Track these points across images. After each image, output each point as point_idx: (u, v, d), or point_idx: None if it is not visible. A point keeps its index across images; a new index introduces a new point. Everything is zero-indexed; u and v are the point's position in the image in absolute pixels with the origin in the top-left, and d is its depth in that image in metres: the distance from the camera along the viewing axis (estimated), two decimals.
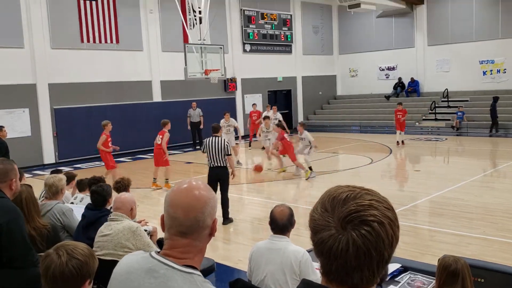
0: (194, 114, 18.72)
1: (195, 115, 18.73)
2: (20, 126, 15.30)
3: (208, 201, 1.61)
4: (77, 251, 2.06)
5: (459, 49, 22.20)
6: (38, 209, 3.90)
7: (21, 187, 3.78)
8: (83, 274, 2.04)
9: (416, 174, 12.60)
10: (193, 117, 18.72)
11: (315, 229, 1.16)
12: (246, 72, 21.96)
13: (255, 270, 3.66)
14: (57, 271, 1.99)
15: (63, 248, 2.05)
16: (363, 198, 1.15)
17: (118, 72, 17.58)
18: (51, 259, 2.02)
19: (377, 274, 1.14)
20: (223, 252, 7.02)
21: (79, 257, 2.04)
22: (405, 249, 6.18)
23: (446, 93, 22.00)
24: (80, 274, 2.02)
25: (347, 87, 26.48)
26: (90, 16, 16.74)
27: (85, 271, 2.04)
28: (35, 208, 3.83)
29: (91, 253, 2.12)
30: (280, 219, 3.69)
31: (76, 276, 2.01)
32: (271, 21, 22.89)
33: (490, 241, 6.89)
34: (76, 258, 2.02)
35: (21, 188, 3.78)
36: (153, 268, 1.55)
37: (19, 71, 15.29)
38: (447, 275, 2.84)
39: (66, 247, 2.07)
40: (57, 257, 2.01)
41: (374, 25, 24.85)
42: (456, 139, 18.85)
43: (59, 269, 1.99)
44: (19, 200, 3.71)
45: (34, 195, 3.90)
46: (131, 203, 4.27)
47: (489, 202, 8.93)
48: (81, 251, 2.07)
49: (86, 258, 2.06)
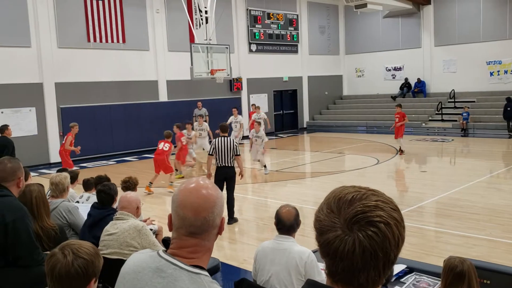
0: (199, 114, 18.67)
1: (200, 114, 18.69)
2: (26, 125, 15.38)
3: (217, 200, 1.60)
4: (82, 250, 2.05)
5: (466, 50, 22.09)
6: (48, 210, 3.91)
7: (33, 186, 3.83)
8: (89, 273, 2.03)
9: (423, 175, 12.55)
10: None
11: (321, 230, 1.16)
12: (252, 72, 21.96)
13: (260, 270, 3.66)
14: (63, 270, 1.98)
15: (69, 248, 2.04)
16: (369, 199, 1.15)
17: (125, 72, 17.63)
18: (56, 258, 2.01)
19: (383, 275, 1.14)
20: (228, 252, 7.03)
21: (85, 256, 2.03)
22: (410, 250, 6.15)
23: (452, 94, 21.91)
24: (86, 274, 2.02)
25: (353, 87, 26.42)
26: (96, 16, 16.80)
27: (90, 271, 2.03)
28: (45, 208, 3.84)
29: (96, 252, 2.12)
30: (287, 220, 3.68)
31: (82, 275, 2.00)
32: (277, 21, 22.88)
33: (496, 242, 6.85)
34: (81, 258, 2.02)
35: (32, 187, 3.83)
36: (160, 267, 1.55)
37: (26, 70, 15.37)
38: (453, 276, 2.82)
39: (71, 246, 2.06)
40: (62, 256, 2.01)
41: (381, 25, 24.78)
42: (462, 140, 18.76)
43: (65, 269, 1.98)
44: (29, 198, 3.73)
45: (45, 194, 3.93)
46: (137, 202, 4.28)
47: (495, 204, 8.88)
48: (87, 250, 2.06)
49: (91, 257, 2.06)
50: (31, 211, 3.63)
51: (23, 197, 3.64)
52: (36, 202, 3.76)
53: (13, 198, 3.33)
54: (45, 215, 3.82)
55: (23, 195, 3.66)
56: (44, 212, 3.82)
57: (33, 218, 3.64)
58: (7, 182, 3.34)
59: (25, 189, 3.73)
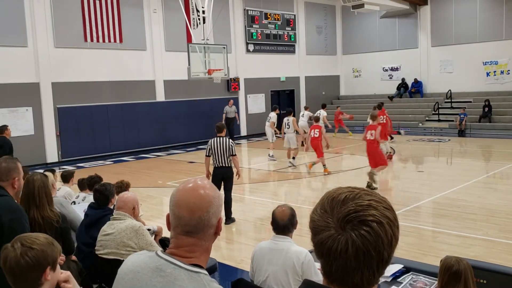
0: (230, 111, 19.80)
1: (231, 111, 19.80)
2: (23, 125, 15.33)
3: (213, 200, 1.61)
4: (32, 241, 2.12)
5: (462, 50, 22.16)
6: (51, 199, 3.98)
7: (36, 176, 3.95)
8: (41, 262, 2.09)
9: (419, 175, 12.58)
10: (229, 113, 19.76)
11: (315, 230, 1.17)
12: (249, 72, 21.96)
13: (258, 270, 3.66)
14: (13, 262, 2.06)
15: (18, 241, 2.12)
16: (362, 198, 1.15)
17: (122, 72, 17.61)
18: (7, 251, 2.09)
19: (378, 274, 1.14)
20: (226, 252, 7.03)
21: (35, 247, 2.10)
22: (407, 250, 6.17)
23: (449, 94, 21.96)
24: (37, 263, 2.08)
25: (350, 88, 26.45)
26: (93, 15, 16.77)
27: (42, 260, 2.09)
28: (47, 198, 3.92)
29: (48, 241, 2.17)
30: (280, 220, 3.69)
31: (32, 265, 2.07)
32: (274, 21, 22.88)
33: (493, 242, 6.87)
34: (31, 248, 2.09)
35: (36, 176, 3.94)
36: (160, 267, 1.56)
37: (22, 70, 15.32)
38: (450, 276, 2.83)
39: (21, 239, 2.13)
40: (12, 250, 2.09)
41: (378, 26, 24.82)
42: (459, 140, 18.80)
43: (15, 260, 2.06)
44: (32, 187, 3.84)
45: (47, 184, 4.00)
46: (133, 202, 4.27)
47: (492, 204, 8.89)
48: (37, 241, 2.13)
49: (42, 247, 2.12)
50: (33, 200, 3.79)
51: (26, 186, 3.76)
52: (39, 191, 3.85)
53: (9, 198, 3.32)
54: (47, 204, 3.89)
55: (27, 184, 3.78)
56: (46, 202, 3.89)
57: (35, 206, 3.79)
58: (1, 182, 3.33)
59: (29, 178, 3.85)
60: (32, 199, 3.79)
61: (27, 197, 3.81)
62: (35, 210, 3.79)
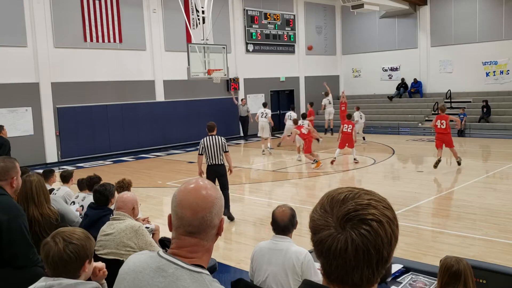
0: (243, 110, 20.11)
1: (243, 110, 20.10)
2: (22, 125, 15.33)
3: (216, 200, 1.61)
4: (72, 236, 2.24)
5: (462, 50, 22.15)
6: (48, 197, 4.10)
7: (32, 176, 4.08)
8: (81, 256, 2.22)
9: (419, 175, 12.57)
10: (242, 112, 20.17)
11: (315, 229, 1.17)
12: (248, 72, 21.95)
13: (257, 270, 3.66)
14: (56, 257, 2.17)
15: (59, 235, 2.22)
16: (361, 197, 1.16)
17: (121, 72, 17.60)
18: (49, 246, 2.19)
19: (377, 273, 1.14)
20: (225, 252, 7.02)
21: (75, 242, 2.21)
22: (407, 250, 6.17)
23: (449, 94, 21.96)
24: (78, 257, 2.20)
25: (350, 88, 26.42)
26: (93, 15, 16.76)
27: (82, 253, 2.22)
28: (45, 195, 4.04)
29: (86, 236, 2.30)
30: (281, 220, 3.68)
31: (74, 259, 2.19)
32: (274, 21, 22.88)
33: (492, 242, 6.87)
34: (72, 243, 2.20)
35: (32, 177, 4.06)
36: (161, 267, 1.56)
37: (22, 70, 15.32)
38: (449, 276, 2.83)
39: (62, 234, 2.24)
40: (54, 244, 2.19)
41: (377, 26, 24.82)
42: (458, 140, 18.78)
43: (58, 255, 2.17)
44: (29, 186, 3.94)
45: (44, 183, 4.13)
46: (132, 202, 4.26)
47: (492, 204, 8.89)
48: (77, 236, 2.25)
49: (82, 241, 2.24)
50: (32, 199, 3.92)
51: (23, 186, 3.83)
52: (36, 190, 3.97)
53: (7, 197, 3.32)
54: (45, 202, 4.01)
55: (24, 184, 3.85)
56: (44, 200, 4.01)
57: (34, 205, 3.90)
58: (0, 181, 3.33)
59: (26, 179, 3.94)
60: (30, 198, 3.89)
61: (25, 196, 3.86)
62: (34, 208, 3.88)
